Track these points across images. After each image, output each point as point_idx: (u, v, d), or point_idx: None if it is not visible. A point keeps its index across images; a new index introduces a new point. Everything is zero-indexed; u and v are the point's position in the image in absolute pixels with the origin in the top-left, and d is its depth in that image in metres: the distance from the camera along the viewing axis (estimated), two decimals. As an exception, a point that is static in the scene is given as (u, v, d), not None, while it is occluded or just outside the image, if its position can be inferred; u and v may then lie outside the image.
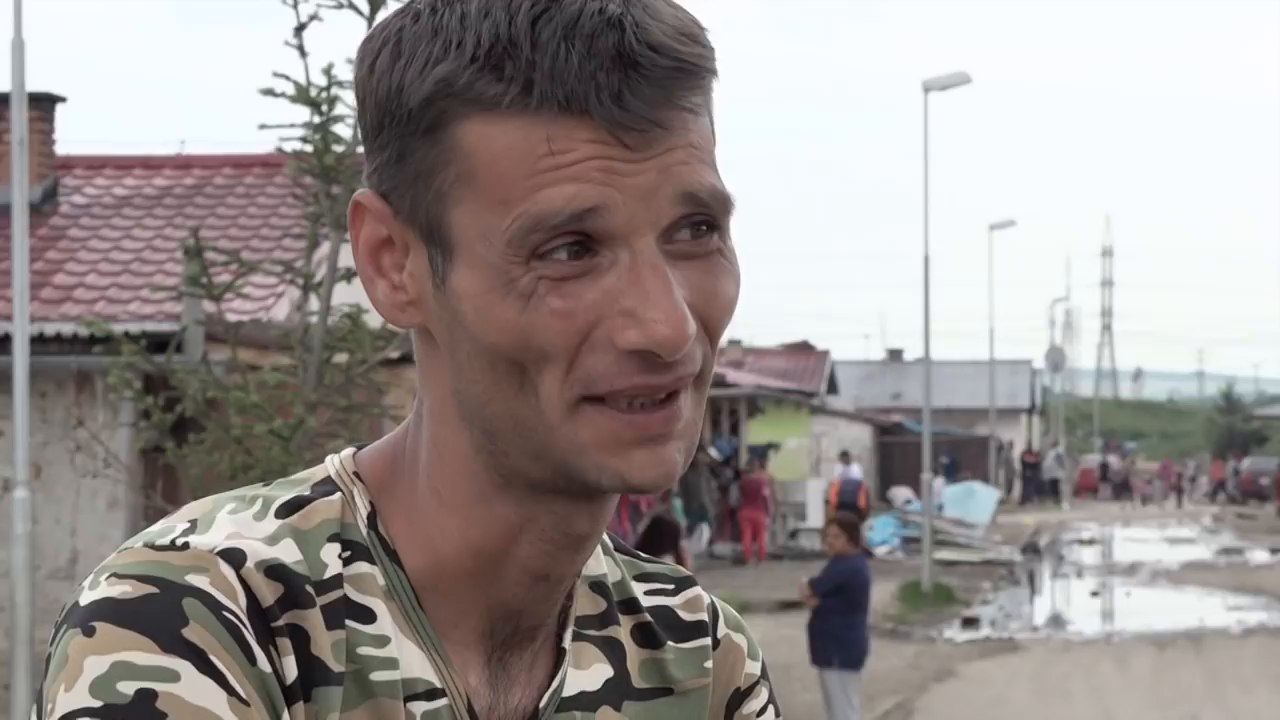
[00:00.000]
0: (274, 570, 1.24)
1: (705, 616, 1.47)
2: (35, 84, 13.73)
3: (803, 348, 56.85)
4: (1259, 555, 37.40)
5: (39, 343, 13.62)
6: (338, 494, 1.31)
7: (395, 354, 10.91)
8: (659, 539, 12.27)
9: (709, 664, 1.45)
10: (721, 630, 1.48)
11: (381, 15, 9.91)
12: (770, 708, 1.50)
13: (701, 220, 1.24)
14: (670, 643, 1.43)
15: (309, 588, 1.25)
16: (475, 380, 1.25)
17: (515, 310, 1.21)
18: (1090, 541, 43.29)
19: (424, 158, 1.24)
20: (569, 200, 1.19)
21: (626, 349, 1.21)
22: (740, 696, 1.48)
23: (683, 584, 1.47)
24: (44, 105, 17.56)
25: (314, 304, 10.14)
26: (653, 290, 1.20)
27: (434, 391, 1.29)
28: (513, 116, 1.20)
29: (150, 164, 18.65)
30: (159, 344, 11.11)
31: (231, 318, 11.03)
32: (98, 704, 1.16)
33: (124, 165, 18.68)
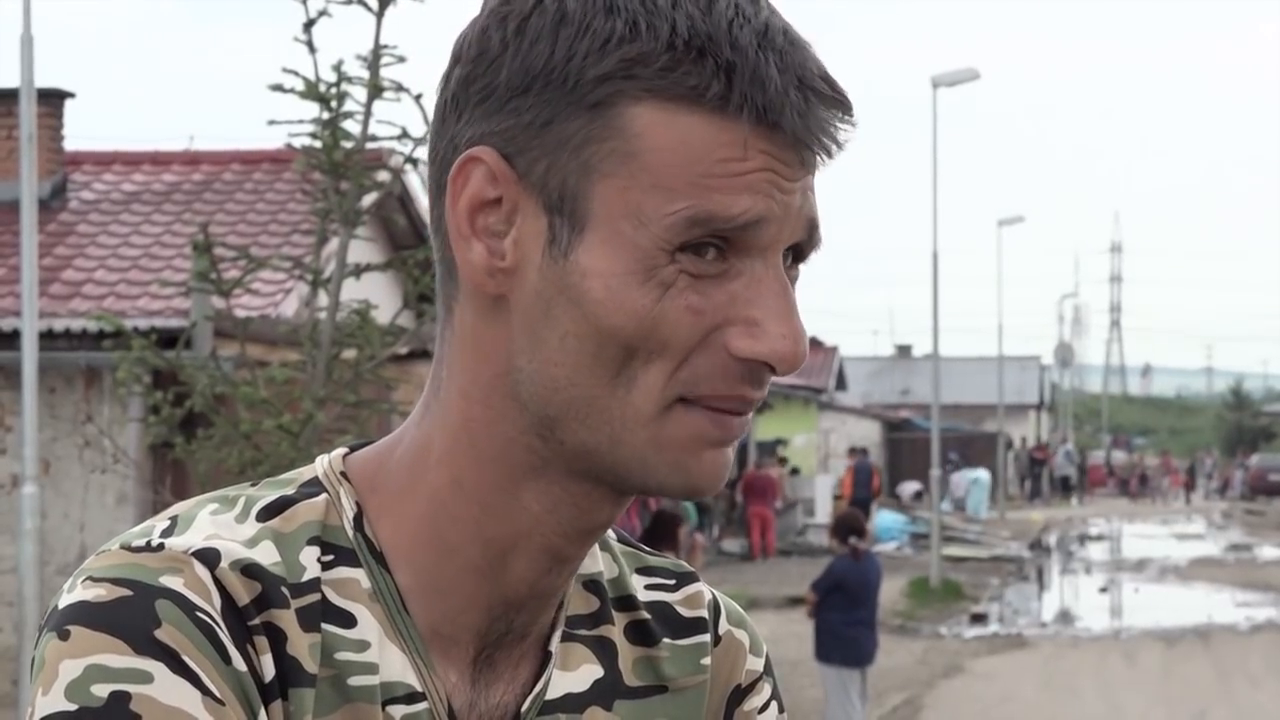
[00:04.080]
0: (249, 570, 1.23)
1: (705, 613, 1.45)
2: (44, 80, 13.75)
3: (811, 344, 56.71)
4: (1267, 551, 37.37)
5: (48, 338, 13.63)
6: (323, 495, 1.30)
7: (404, 350, 10.92)
8: (658, 531, 12.25)
9: (706, 660, 1.44)
10: (723, 626, 1.46)
11: (391, 12, 9.92)
12: (773, 704, 1.48)
13: (801, 251, 1.26)
14: (666, 639, 1.42)
15: (284, 589, 1.24)
16: (560, 362, 1.23)
17: (652, 297, 1.21)
18: (1099, 538, 43.26)
19: (579, 129, 1.21)
20: (745, 209, 1.20)
21: (742, 357, 1.22)
22: (741, 693, 1.46)
23: (684, 579, 1.46)
24: (52, 101, 17.54)
25: (323, 300, 10.14)
26: (781, 306, 1.22)
27: (479, 371, 1.26)
28: (698, 111, 1.20)
29: (159, 159, 18.67)
30: (168, 339, 11.10)
31: (240, 313, 11.05)
32: (73, 707, 1.17)
33: (132, 161, 18.69)
